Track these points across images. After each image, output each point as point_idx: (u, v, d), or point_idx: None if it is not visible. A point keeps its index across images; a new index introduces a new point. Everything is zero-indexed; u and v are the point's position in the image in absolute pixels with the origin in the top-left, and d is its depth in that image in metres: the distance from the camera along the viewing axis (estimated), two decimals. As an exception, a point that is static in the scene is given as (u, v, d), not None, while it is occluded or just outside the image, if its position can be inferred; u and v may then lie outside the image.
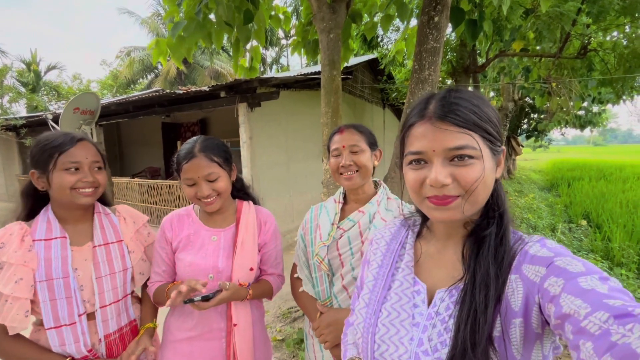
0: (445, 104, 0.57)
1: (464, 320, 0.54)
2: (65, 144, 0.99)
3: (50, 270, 0.96)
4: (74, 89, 22.15)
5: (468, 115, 0.56)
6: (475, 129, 0.56)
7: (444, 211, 0.58)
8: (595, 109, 11.41)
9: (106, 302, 1.04)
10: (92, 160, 1.03)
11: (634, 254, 4.39)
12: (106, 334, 1.04)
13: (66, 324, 0.96)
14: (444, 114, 0.56)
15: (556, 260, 0.51)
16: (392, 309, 0.66)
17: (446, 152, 0.56)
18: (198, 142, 1.08)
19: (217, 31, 2.67)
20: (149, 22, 19.47)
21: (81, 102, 4.38)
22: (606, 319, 0.39)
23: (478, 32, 2.60)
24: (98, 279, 1.02)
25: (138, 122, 8.09)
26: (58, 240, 0.99)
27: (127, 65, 19.64)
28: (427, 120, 0.58)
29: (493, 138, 0.58)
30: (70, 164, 0.99)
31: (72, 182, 0.98)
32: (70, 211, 1.04)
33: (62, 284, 0.96)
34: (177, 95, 4.91)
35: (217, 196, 1.07)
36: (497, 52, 6.03)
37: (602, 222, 5.93)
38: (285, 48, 25.04)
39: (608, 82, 5.79)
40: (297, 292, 1.23)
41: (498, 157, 0.60)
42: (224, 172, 1.09)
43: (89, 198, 1.02)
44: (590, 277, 0.46)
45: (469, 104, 0.57)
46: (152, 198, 5.95)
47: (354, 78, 7.26)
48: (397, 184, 2.45)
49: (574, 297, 0.44)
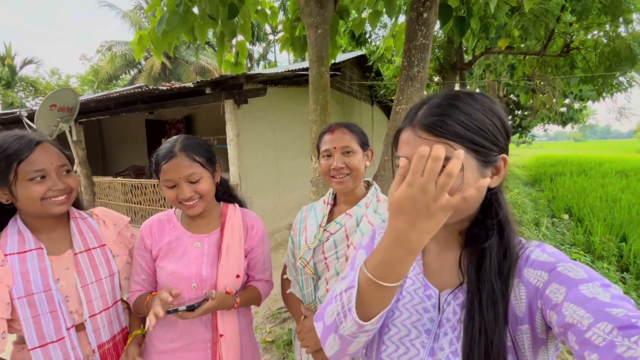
0: (432, 112, 0.56)
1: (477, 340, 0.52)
2: (23, 150, 0.88)
3: (29, 285, 0.88)
4: (53, 84, 21.37)
5: (450, 126, 0.54)
6: (457, 139, 0.54)
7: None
8: (576, 106, 11.74)
9: (96, 310, 0.98)
10: (58, 164, 0.94)
11: (614, 247, 4.54)
12: (99, 343, 0.98)
13: (53, 341, 0.89)
14: (426, 123, 0.56)
15: (558, 266, 0.51)
16: (404, 309, 0.63)
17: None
18: (178, 141, 1.02)
19: (200, 25, 2.58)
20: (131, 16, 18.89)
21: (58, 98, 4.19)
22: (610, 330, 0.39)
23: (465, 29, 2.60)
24: (84, 287, 0.96)
25: (120, 119, 7.85)
26: (34, 252, 0.91)
27: (108, 61, 19.03)
28: (411, 127, 0.58)
29: (482, 148, 0.55)
30: (35, 172, 0.89)
31: (41, 192, 0.89)
32: (43, 220, 0.96)
33: (45, 298, 0.89)
34: (161, 91, 4.76)
35: (200, 199, 1.01)
36: (483, 49, 6.10)
37: (583, 216, 6.11)
38: (272, 44, 24.76)
39: (589, 79, 5.94)
40: (286, 293, 1.22)
41: (491, 166, 0.57)
42: (207, 173, 1.03)
43: (63, 206, 0.94)
44: (592, 284, 0.46)
45: (458, 113, 0.55)
46: (136, 198, 5.77)
47: (342, 75, 7.22)
48: (387, 182, 2.43)
49: (576, 306, 0.44)
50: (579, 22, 5.08)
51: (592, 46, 5.69)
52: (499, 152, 0.57)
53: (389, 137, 2.41)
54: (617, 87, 6.70)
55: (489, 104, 0.58)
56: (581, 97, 8.49)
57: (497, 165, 0.58)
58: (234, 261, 1.06)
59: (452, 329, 0.58)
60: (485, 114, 0.56)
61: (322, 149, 1.10)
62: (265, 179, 5.35)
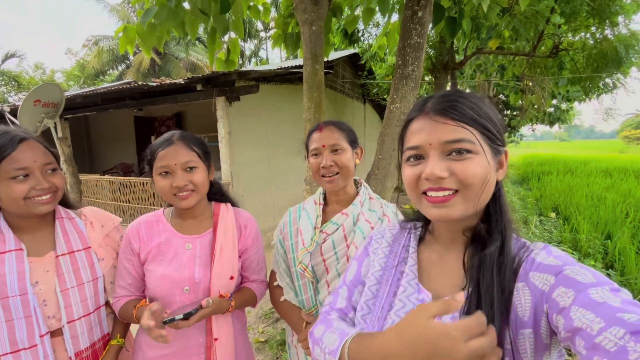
0: (443, 100, 0.58)
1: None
2: (5, 147, 0.84)
3: (5, 288, 0.84)
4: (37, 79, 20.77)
5: (465, 111, 0.56)
6: (473, 124, 0.55)
7: (441, 208, 0.56)
8: (564, 107, 11.99)
9: (74, 316, 0.93)
10: (42, 162, 0.90)
11: (599, 244, 4.64)
12: (77, 351, 0.94)
13: (25, 347, 0.85)
14: (442, 107, 0.56)
15: (565, 269, 0.49)
16: (396, 317, 0.63)
17: (443, 146, 0.55)
18: (177, 133, 1.02)
19: (191, 20, 2.52)
20: (119, 10, 18.45)
21: (42, 93, 4.05)
22: (622, 335, 0.38)
23: (457, 30, 2.61)
24: (63, 291, 0.92)
25: (108, 115, 7.67)
26: (12, 254, 0.88)
27: (95, 55, 18.56)
28: (425, 114, 0.58)
29: (493, 135, 0.57)
30: (17, 170, 0.85)
31: (23, 191, 0.86)
32: (27, 220, 0.93)
33: (20, 302, 0.85)
34: (151, 87, 4.66)
35: (193, 191, 0.98)
36: (475, 49, 6.16)
37: (570, 214, 6.24)
38: (264, 40, 24.54)
39: (577, 80, 6.07)
40: (278, 301, 1.15)
41: (499, 157, 0.59)
42: (203, 165, 1.01)
43: (48, 205, 0.91)
44: (602, 288, 0.44)
45: (468, 102, 0.57)
46: (124, 196, 5.65)
47: (334, 73, 7.20)
48: (381, 181, 2.43)
49: (585, 310, 0.43)
50: (567, 24, 5.18)
51: (580, 48, 5.81)
52: (502, 145, 0.59)
53: (383, 136, 2.40)
54: (604, 89, 6.86)
55: (488, 102, 0.60)
56: (568, 98, 8.67)
57: (500, 158, 0.59)
58: (228, 263, 1.03)
59: None
60: (489, 107, 0.59)
61: (310, 148, 1.08)
62: (257, 177, 5.30)
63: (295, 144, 6.24)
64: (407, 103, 2.33)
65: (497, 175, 0.59)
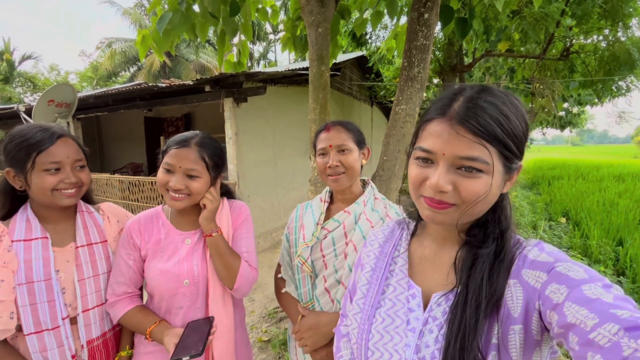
0: (471, 106, 0.52)
1: (454, 337, 0.52)
2: (44, 141, 0.92)
3: (31, 273, 0.90)
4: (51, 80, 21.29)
5: (491, 127, 0.51)
6: (494, 142, 0.51)
7: (436, 214, 0.57)
8: (575, 110, 11.79)
9: (89, 305, 0.98)
10: (74, 159, 0.97)
11: (610, 250, 4.55)
12: (89, 339, 0.99)
13: (48, 329, 0.91)
14: (466, 118, 0.52)
15: (557, 265, 0.50)
16: (386, 315, 0.64)
17: (455, 159, 0.53)
18: (198, 136, 1.04)
19: (201, 23, 2.57)
20: (131, 13, 18.83)
21: (56, 93, 4.17)
22: (616, 331, 0.39)
23: (468, 30, 2.60)
24: (80, 281, 0.97)
25: (119, 116, 7.81)
26: (39, 241, 0.94)
27: (108, 57, 18.95)
28: (447, 120, 0.54)
29: (511, 154, 0.53)
30: (51, 164, 0.93)
31: (53, 183, 0.93)
32: (52, 211, 0.99)
33: (44, 287, 0.91)
34: (160, 88, 4.74)
35: (187, 196, 0.99)
36: (484, 52, 6.11)
37: (581, 219, 6.12)
38: (273, 43, 24.74)
39: (589, 83, 5.96)
40: (280, 292, 1.20)
41: (513, 172, 0.56)
42: (206, 177, 1.02)
43: (72, 198, 0.98)
44: (594, 284, 0.45)
45: (498, 113, 0.51)
46: (133, 195, 5.74)
47: (342, 75, 7.22)
48: (385, 182, 2.43)
49: (578, 306, 0.43)
50: (578, 27, 5.10)
51: (592, 50, 5.71)
52: (519, 159, 0.56)
53: (388, 137, 2.40)
54: (617, 92, 6.73)
55: (521, 109, 0.55)
56: (580, 102, 8.52)
57: (512, 174, 0.57)
58: None
59: (438, 327, 0.58)
60: (518, 119, 0.54)
61: (318, 147, 1.10)
62: (263, 178, 5.34)
63: (302, 145, 6.27)
64: (412, 105, 2.33)
65: (503, 188, 0.57)
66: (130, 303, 1.02)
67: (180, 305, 1.01)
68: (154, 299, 1.03)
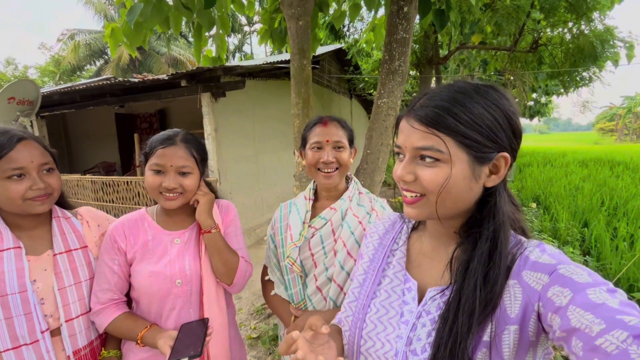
0: (426, 101, 0.56)
1: (444, 343, 0.53)
2: (2, 146, 0.84)
3: (4, 285, 0.84)
4: (8, 75, 19.80)
5: (443, 118, 0.53)
6: (448, 132, 0.53)
7: (410, 209, 0.60)
8: (543, 100, 12.36)
9: (72, 314, 0.93)
10: (39, 162, 0.90)
11: (577, 232, 4.85)
12: (75, 349, 0.94)
13: (27, 343, 0.85)
14: (418, 112, 0.56)
15: (560, 268, 0.49)
16: (380, 306, 0.65)
17: (414, 151, 0.57)
18: (181, 133, 1.01)
19: (174, 15, 2.46)
20: (95, 2, 17.73)
21: (17, 90, 3.89)
22: (625, 338, 0.38)
23: (445, 22, 2.64)
24: (61, 290, 0.92)
25: (88, 113, 7.40)
26: (11, 251, 0.88)
27: (71, 50, 17.80)
28: (407, 116, 0.59)
29: (477, 144, 0.53)
30: (12, 170, 0.86)
31: (21, 191, 0.86)
32: (24, 218, 0.93)
33: (19, 299, 0.85)
34: (132, 83, 4.52)
35: (181, 194, 0.98)
36: (458, 44, 6.26)
37: (550, 204, 6.48)
38: (248, 35, 24.13)
39: (556, 74, 6.27)
40: (269, 295, 1.17)
41: (489, 163, 0.55)
42: (197, 172, 1.01)
43: (44, 205, 0.91)
44: (599, 289, 0.44)
45: (452, 104, 0.53)
46: (107, 196, 5.49)
47: (321, 68, 7.17)
48: (370, 175, 2.46)
49: (583, 311, 0.42)
50: (546, 20, 5.33)
51: (559, 43, 5.99)
52: (497, 150, 0.54)
53: (371, 131, 2.43)
54: (581, 82, 7.11)
55: (495, 98, 0.55)
56: (547, 92, 8.95)
57: (495, 163, 0.55)
58: None
59: (431, 321, 0.58)
60: (486, 108, 0.53)
61: (311, 141, 1.07)
62: (245, 174, 5.26)
63: (283, 140, 6.21)
64: (394, 98, 2.36)
65: (487, 182, 0.56)
66: (117, 310, 0.99)
67: (173, 307, 0.99)
68: (142, 304, 1.00)
